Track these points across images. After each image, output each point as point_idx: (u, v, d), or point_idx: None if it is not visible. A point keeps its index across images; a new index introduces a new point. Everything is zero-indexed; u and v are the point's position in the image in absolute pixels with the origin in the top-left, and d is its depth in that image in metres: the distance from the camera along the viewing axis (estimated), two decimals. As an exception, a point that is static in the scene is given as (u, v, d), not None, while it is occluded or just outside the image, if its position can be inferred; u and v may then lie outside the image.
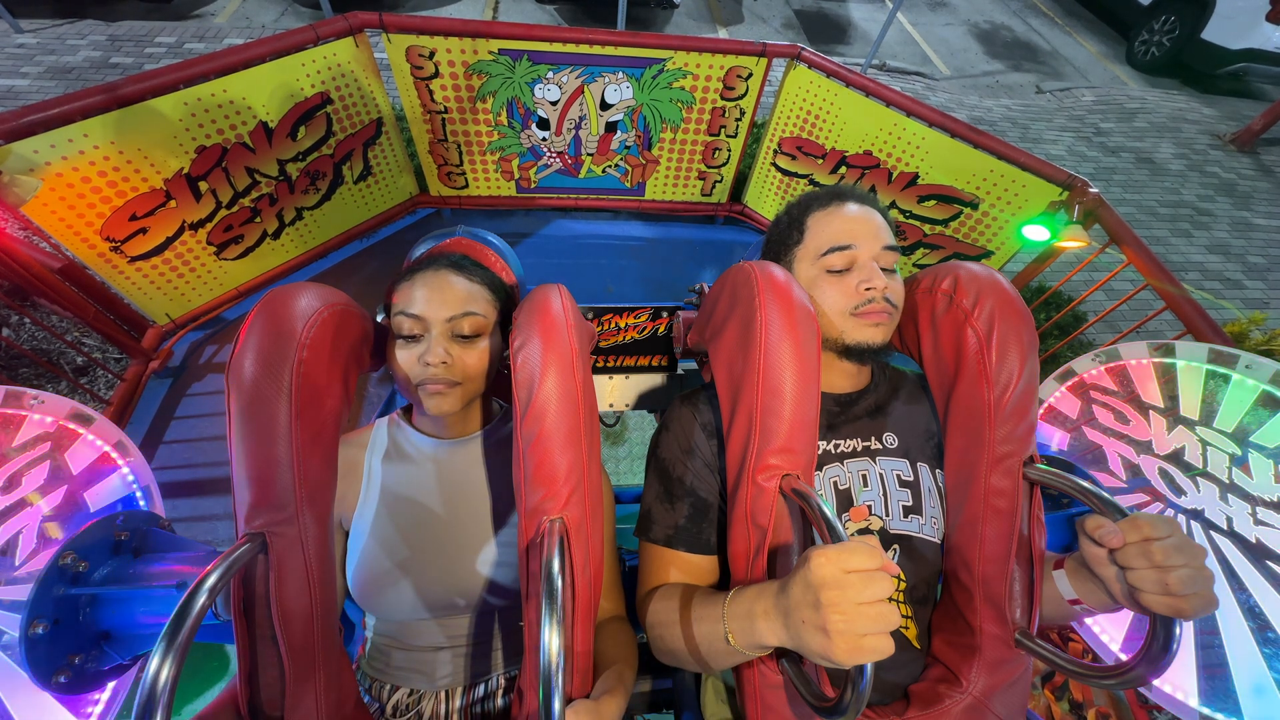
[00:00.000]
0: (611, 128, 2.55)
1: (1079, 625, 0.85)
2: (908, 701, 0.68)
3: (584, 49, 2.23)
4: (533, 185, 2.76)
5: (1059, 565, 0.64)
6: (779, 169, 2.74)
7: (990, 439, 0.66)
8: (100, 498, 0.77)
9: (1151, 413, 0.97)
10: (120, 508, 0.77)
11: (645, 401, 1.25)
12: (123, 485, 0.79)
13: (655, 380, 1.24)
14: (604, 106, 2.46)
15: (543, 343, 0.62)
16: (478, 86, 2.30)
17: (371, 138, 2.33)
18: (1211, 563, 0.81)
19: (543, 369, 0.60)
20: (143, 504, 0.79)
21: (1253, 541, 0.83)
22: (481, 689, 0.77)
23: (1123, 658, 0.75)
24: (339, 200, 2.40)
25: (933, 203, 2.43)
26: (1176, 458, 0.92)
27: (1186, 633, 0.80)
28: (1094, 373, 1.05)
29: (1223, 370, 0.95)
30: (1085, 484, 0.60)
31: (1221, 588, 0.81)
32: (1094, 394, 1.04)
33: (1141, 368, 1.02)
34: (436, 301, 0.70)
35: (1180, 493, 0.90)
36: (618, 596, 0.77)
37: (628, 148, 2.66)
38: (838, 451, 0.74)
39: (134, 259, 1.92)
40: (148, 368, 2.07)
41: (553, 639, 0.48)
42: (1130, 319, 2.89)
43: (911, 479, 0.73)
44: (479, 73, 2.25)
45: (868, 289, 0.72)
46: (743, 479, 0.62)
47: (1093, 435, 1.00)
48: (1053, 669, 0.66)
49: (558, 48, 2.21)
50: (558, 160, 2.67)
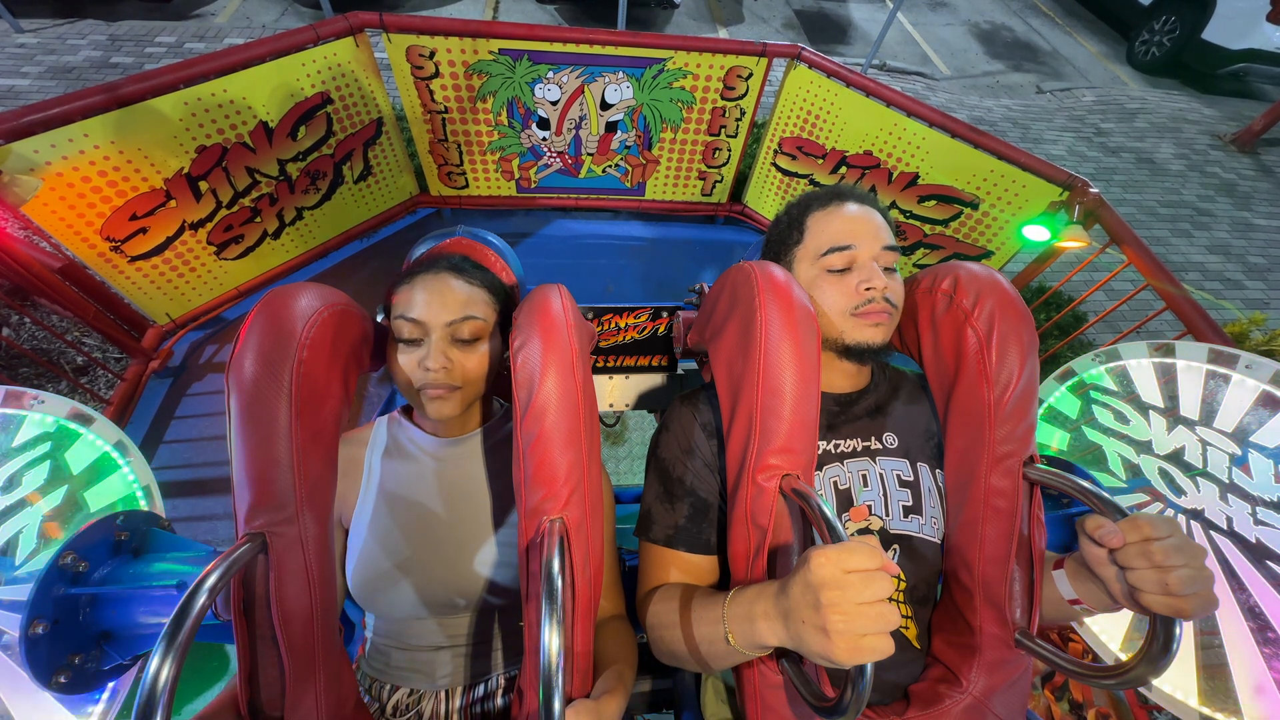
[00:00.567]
0: (612, 128, 2.55)
1: (1079, 625, 0.85)
2: (908, 701, 0.68)
3: (584, 49, 2.23)
4: (533, 185, 2.76)
5: (1059, 565, 0.64)
6: (779, 169, 2.74)
7: (990, 439, 0.66)
8: (100, 498, 0.77)
9: (1151, 413, 0.97)
10: (120, 508, 0.77)
11: (645, 401, 1.25)
12: (123, 485, 0.79)
13: (655, 380, 1.24)
14: (604, 106, 2.46)
15: (543, 343, 0.62)
16: (478, 86, 2.30)
17: (372, 137, 2.33)
18: (1211, 563, 0.81)
19: (543, 369, 0.60)
20: (143, 504, 0.80)
21: (1253, 541, 0.83)
22: (481, 689, 0.77)
23: (1123, 658, 0.75)
24: (339, 200, 2.40)
25: (933, 203, 2.43)
26: (1176, 458, 0.92)
27: (1186, 633, 0.80)
28: (1094, 373, 1.05)
29: (1223, 370, 0.95)
30: (1085, 484, 0.60)
31: (1221, 588, 0.81)
32: (1094, 394, 1.04)
33: (1141, 368, 1.02)
34: (436, 305, 0.70)
35: (1180, 493, 0.90)
36: (617, 596, 0.77)
37: (628, 148, 2.65)
38: (838, 451, 0.73)
39: (134, 259, 1.92)
40: (148, 367, 2.08)
41: (553, 639, 0.48)
42: (1130, 319, 2.89)
43: (911, 479, 0.73)
44: (479, 72, 2.25)
45: (868, 289, 0.71)
46: (743, 479, 0.62)
47: (1093, 435, 1.00)
48: (1053, 669, 0.66)
49: (558, 47, 2.21)
50: (558, 160, 2.67)
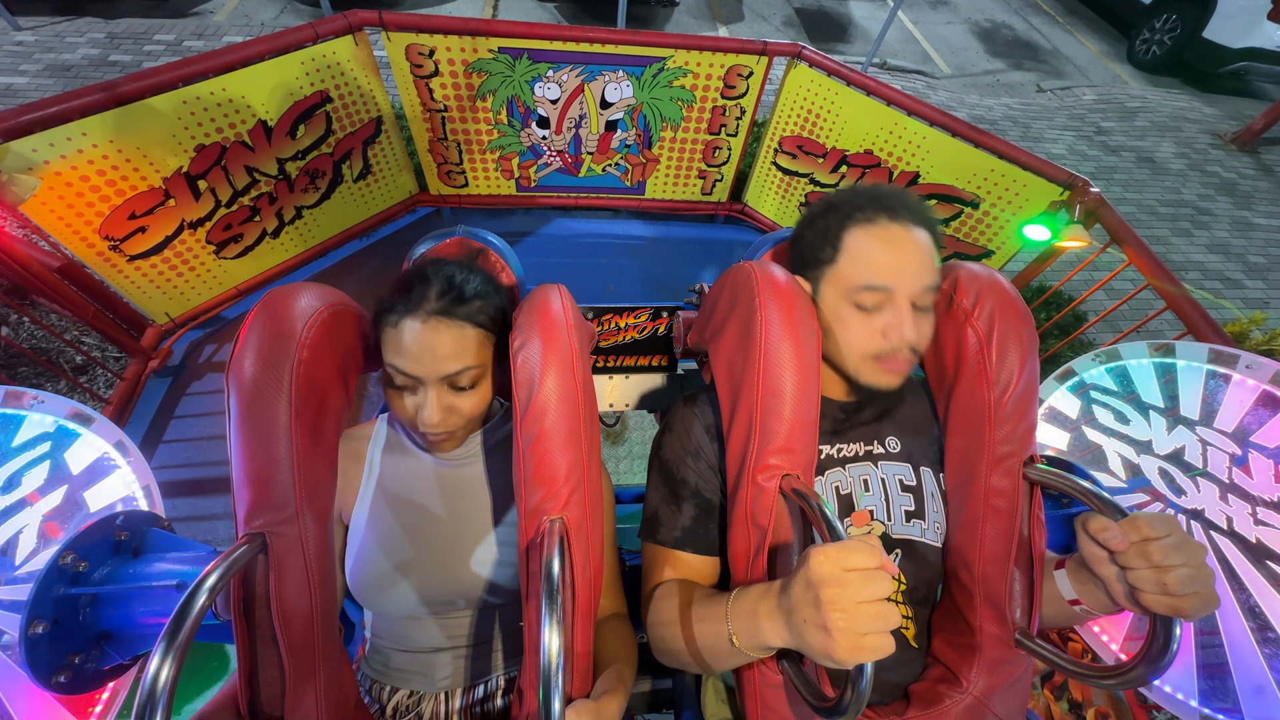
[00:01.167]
0: (612, 126, 2.55)
1: (1080, 626, 0.85)
2: (908, 701, 0.68)
3: (584, 47, 2.22)
4: (533, 184, 2.76)
5: (1059, 565, 0.64)
6: (779, 168, 2.74)
7: (990, 439, 0.66)
8: (100, 498, 0.77)
9: (1151, 413, 0.97)
10: (120, 508, 0.77)
11: (645, 401, 1.25)
12: (123, 485, 0.79)
13: (655, 380, 1.24)
14: (604, 105, 2.46)
15: (543, 343, 0.62)
16: (478, 85, 2.29)
17: (371, 136, 2.33)
18: (1211, 562, 0.81)
19: (543, 369, 0.60)
20: (143, 504, 0.79)
21: (1253, 541, 0.83)
22: (481, 690, 0.77)
23: (1123, 658, 0.75)
24: (338, 199, 2.39)
25: (933, 202, 2.42)
26: (1176, 458, 0.92)
27: (1186, 633, 0.80)
28: (1094, 373, 1.05)
29: (1223, 370, 0.95)
30: (1085, 484, 0.60)
31: (1221, 588, 0.81)
32: (1094, 394, 1.04)
33: (1141, 368, 1.02)
34: (428, 361, 0.65)
35: (1180, 493, 0.90)
36: (618, 595, 0.77)
37: (628, 146, 2.65)
38: (840, 456, 0.73)
39: (133, 258, 1.92)
40: (147, 367, 2.07)
41: (553, 639, 0.48)
42: (1131, 319, 2.89)
43: (914, 484, 0.73)
44: (479, 71, 2.24)
45: (901, 338, 0.66)
46: (743, 479, 0.62)
47: (1093, 435, 1.00)
48: (1052, 669, 0.66)
49: (558, 46, 2.21)
50: (558, 159, 2.67)
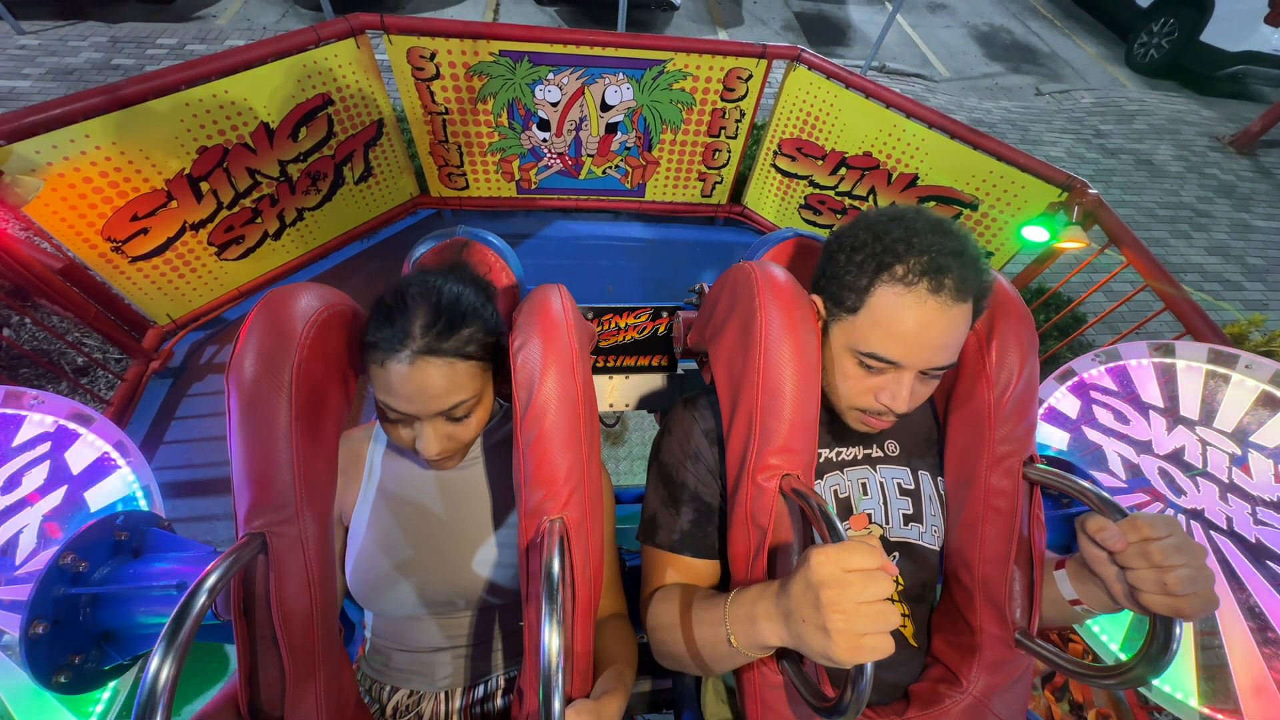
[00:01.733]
0: (612, 129, 2.56)
1: (1080, 626, 0.85)
2: (908, 701, 0.68)
3: (584, 50, 2.23)
4: (533, 186, 2.77)
5: (1060, 566, 0.64)
6: (779, 170, 2.75)
7: (990, 439, 0.66)
8: (100, 498, 0.77)
9: (1151, 413, 0.97)
10: (120, 508, 0.77)
11: (645, 401, 1.25)
12: (123, 485, 0.79)
13: (655, 380, 1.24)
14: (604, 108, 2.46)
15: (543, 343, 0.62)
16: (478, 88, 2.30)
17: (372, 139, 2.34)
18: (1211, 562, 0.81)
19: (543, 369, 0.61)
20: (143, 504, 0.80)
21: (1253, 541, 0.83)
22: (481, 690, 0.77)
23: (1123, 658, 0.75)
24: (340, 201, 2.40)
25: (932, 204, 2.43)
26: (1176, 458, 0.92)
27: (1186, 633, 0.80)
28: (1094, 373, 1.05)
29: (1223, 370, 0.95)
30: (1085, 484, 0.60)
31: (1221, 588, 0.81)
32: (1094, 394, 1.04)
33: (1141, 368, 1.02)
34: (420, 401, 0.62)
35: (1180, 493, 0.90)
36: (618, 595, 0.77)
37: (628, 149, 2.66)
38: (838, 459, 0.73)
39: (135, 259, 1.92)
40: (148, 368, 2.08)
41: (553, 639, 0.48)
42: (1130, 320, 2.89)
43: (912, 487, 0.73)
44: (480, 74, 2.25)
45: (891, 405, 0.63)
46: (743, 479, 0.62)
47: (1093, 435, 1.01)
48: (1053, 669, 0.66)
49: (558, 49, 2.22)
50: (558, 161, 2.68)
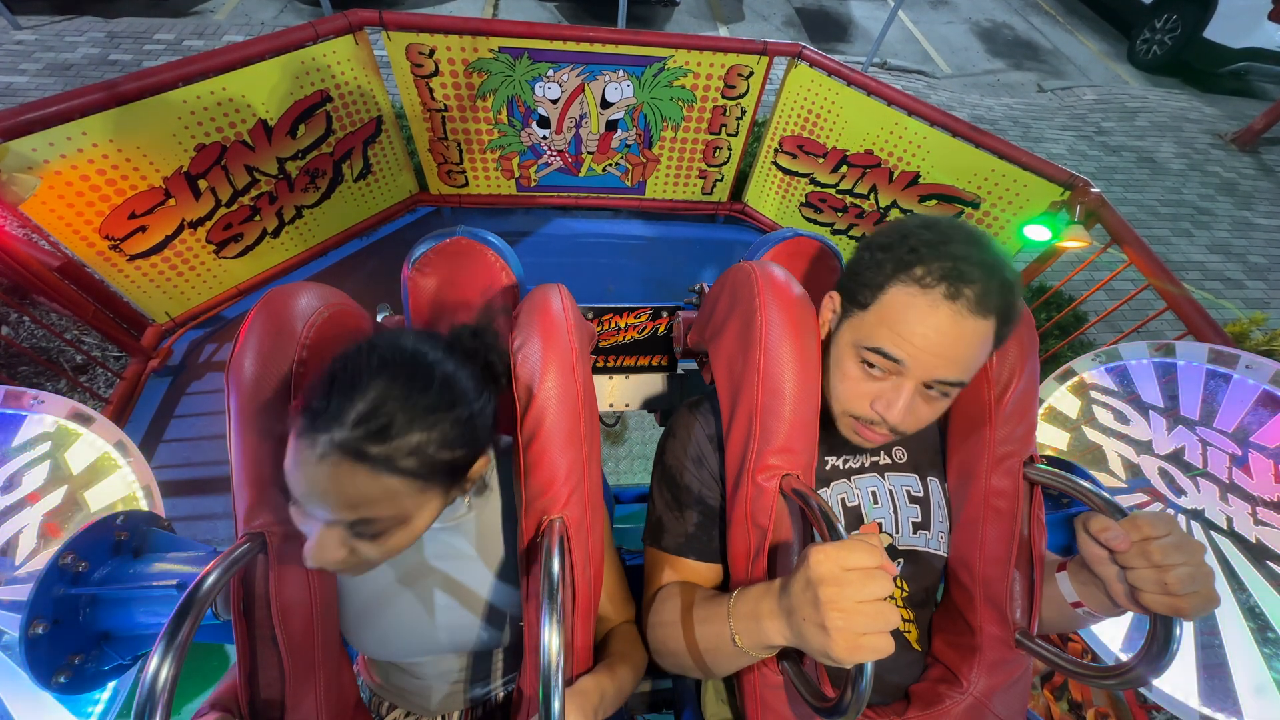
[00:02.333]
0: (612, 126, 2.55)
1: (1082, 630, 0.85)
2: (908, 701, 0.68)
3: (584, 47, 2.22)
4: (533, 184, 2.76)
5: (1060, 568, 0.64)
6: (780, 168, 2.74)
7: (990, 439, 0.66)
8: (100, 498, 0.77)
9: (1151, 413, 0.97)
10: (120, 508, 0.77)
11: (645, 402, 1.24)
12: (123, 485, 0.79)
13: (655, 380, 1.24)
14: (604, 105, 2.45)
15: (543, 343, 0.62)
16: (478, 84, 2.29)
17: (371, 136, 2.33)
18: (1211, 562, 0.81)
19: (543, 369, 0.60)
20: (143, 504, 0.80)
21: (1253, 541, 0.83)
22: (480, 710, 0.77)
23: (1123, 658, 0.75)
24: (339, 198, 2.39)
25: (934, 202, 2.42)
26: (1176, 458, 0.92)
27: (1186, 633, 0.80)
28: (1094, 373, 1.05)
29: (1223, 370, 0.95)
30: (1085, 484, 0.60)
31: (1221, 587, 0.81)
32: (1094, 394, 1.04)
33: (1142, 368, 1.02)
34: (314, 501, 0.47)
35: (1180, 493, 0.90)
36: (625, 602, 0.74)
37: (628, 146, 2.65)
38: (846, 467, 0.72)
39: (133, 257, 1.92)
40: (147, 366, 2.07)
41: (553, 639, 0.48)
42: (1131, 319, 2.88)
43: (921, 494, 0.72)
44: (479, 71, 2.24)
45: (884, 414, 0.59)
46: (743, 479, 0.62)
47: (1093, 435, 1.00)
48: (1053, 669, 0.66)
49: (558, 46, 2.21)
50: (558, 159, 2.67)
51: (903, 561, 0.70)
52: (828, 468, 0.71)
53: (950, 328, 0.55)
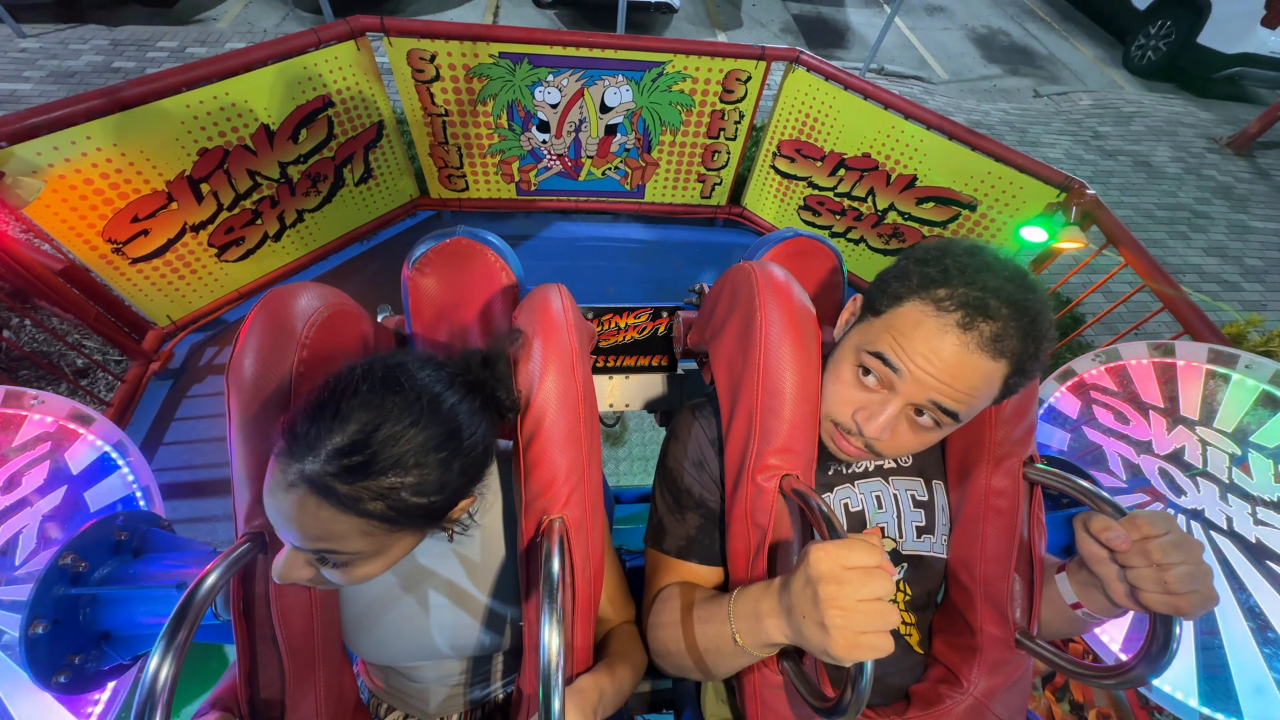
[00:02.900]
0: (611, 130, 2.57)
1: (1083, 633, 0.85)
2: (908, 702, 0.68)
3: (584, 52, 2.24)
4: (533, 188, 2.77)
5: (1060, 569, 0.64)
6: (778, 171, 2.75)
7: (990, 440, 0.66)
8: (100, 498, 0.77)
9: (1151, 413, 0.97)
10: (120, 508, 0.77)
11: (645, 402, 1.25)
12: (123, 485, 0.79)
13: (655, 380, 1.24)
14: (604, 109, 2.47)
15: (543, 342, 0.62)
16: (478, 89, 2.31)
17: (372, 140, 2.34)
18: (1211, 561, 0.81)
19: (542, 369, 0.61)
20: (143, 504, 0.80)
21: (1253, 541, 0.83)
22: (479, 713, 0.76)
23: (1123, 658, 0.75)
24: (340, 202, 2.41)
25: (931, 205, 2.43)
26: (1176, 458, 0.92)
27: (1186, 632, 0.80)
28: (1094, 373, 1.05)
29: (1223, 370, 0.95)
30: (1085, 484, 0.60)
31: (1221, 587, 0.81)
32: (1094, 394, 1.04)
33: (1141, 368, 1.02)
34: (280, 526, 0.47)
35: (1180, 493, 0.90)
36: (626, 602, 0.74)
37: (627, 150, 2.67)
38: (849, 472, 0.72)
39: (135, 261, 1.92)
40: (148, 369, 2.07)
41: (553, 639, 0.48)
42: (1128, 320, 2.89)
43: (926, 498, 0.72)
44: (479, 76, 2.26)
45: (862, 425, 0.58)
46: (742, 479, 0.62)
47: (1093, 435, 1.01)
48: (1053, 669, 0.66)
49: (558, 51, 2.23)
50: (558, 163, 2.68)
51: (906, 566, 0.70)
52: (830, 472, 0.71)
53: (953, 357, 0.52)
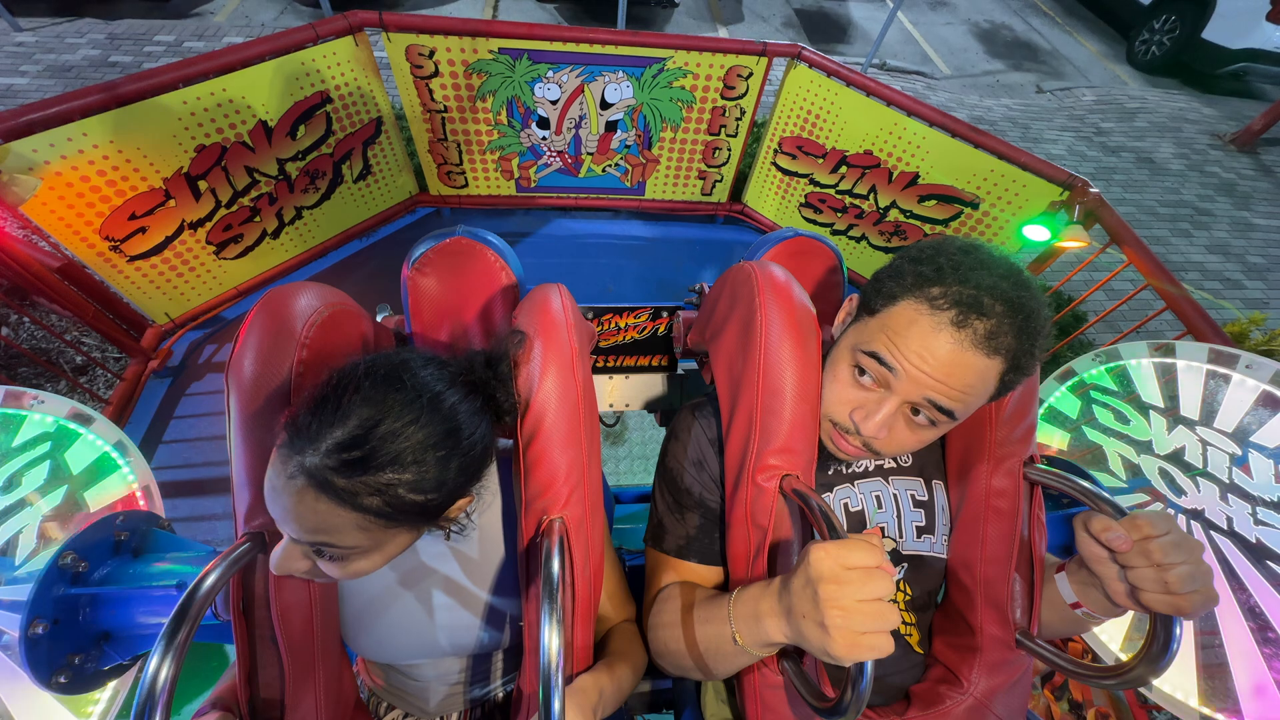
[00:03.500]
0: (611, 127, 2.55)
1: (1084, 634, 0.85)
2: (909, 702, 0.68)
3: (584, 48, 2.23)
4: (532, 184, 2.76)
5: (1059, 569, 0.64)
6: (779, 168, 2.74)
7: (990, 440, 0.66)
8: (100, 498, 0.77)
9: (1151, 413, 0.97)
10: (120, 508, 0.77)
11: (645, 402, 1.24)
12: (122, 485, 0.79)
13: (655, 380, 1.24)
14: (604, 105, 2.46)
15: (542, 342, 0.62)
16: (478, 85, 2.29)
17: (371, 137, 2.33)
18: (1211, 561, 0.81)
19: (542, 368, 0.60)
20: (142, 504, 0.80)
21: (1253, 541, 0.83)
22: (479, 712, 0.76)
23: (1123, 658, 0.75)
24: (338, 199, 2.40)
25: (933, 202, 2.42)
26: (1176, 458, 0.92)
27: (1186, 632, 0.80)
28: (1094, 373, 1.05)
29: (1223, 370, 0.95)
30: (1085, 484, 0.60)
31: (1222, 587, 0.81)
32: (1094, 394, 1.04)
33: (1142, 368, 1.02)
34: (279, 518, 0.48)
35: (1180, 493, 0.90)
36: (626, 601, 0.74)
37: (628, 147, 2.65)
38: (848, 472, 0.72)
39: (133, 258, 1.92)
40: (147, 367, 2.07)
41: (553, 639, 0.48)
42: (1130, 319, 2.89)
43: (926, 498, 0.71)
44: (479, 72, 2.24)
45: (859, 424, 0.58)
46: (742, 479, 0.62)
47: (1093, 435, 1.01)
48: (1053, 669, 0.66)
49: (558, 47, 2.21)
50: (558, 159, 2.67)
51: (906, 566, 0.70)
52: (830, 472, 0.71)
53: (947, 355, 0.53)
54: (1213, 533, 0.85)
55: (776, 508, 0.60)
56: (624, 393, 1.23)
